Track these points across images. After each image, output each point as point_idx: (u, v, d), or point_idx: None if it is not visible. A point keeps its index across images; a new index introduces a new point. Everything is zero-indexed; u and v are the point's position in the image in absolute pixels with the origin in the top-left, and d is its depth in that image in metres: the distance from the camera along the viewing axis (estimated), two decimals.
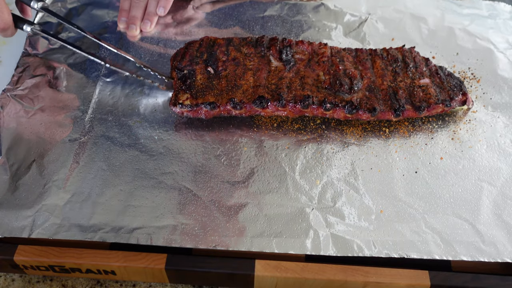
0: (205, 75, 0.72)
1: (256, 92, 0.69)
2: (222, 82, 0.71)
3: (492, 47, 0.83)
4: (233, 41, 0.76)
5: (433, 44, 0.83)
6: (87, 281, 0.63)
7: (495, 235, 0.60)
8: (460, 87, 0.71)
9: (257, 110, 0.70)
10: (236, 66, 0.73)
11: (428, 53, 0.82)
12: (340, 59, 0.74)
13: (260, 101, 0.68)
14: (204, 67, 0.73)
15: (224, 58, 0.74)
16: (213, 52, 0.75)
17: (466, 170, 0.67)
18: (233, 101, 0.68)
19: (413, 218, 0.62)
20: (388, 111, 0.69)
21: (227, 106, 0.69)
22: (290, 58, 0.73)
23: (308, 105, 0.68)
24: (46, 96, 0.73)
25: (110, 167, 0.66)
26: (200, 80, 0.71)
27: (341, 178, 0.66)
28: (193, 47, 0.76)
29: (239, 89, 0.70)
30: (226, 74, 0.72)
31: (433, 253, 0.58)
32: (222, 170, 0.66)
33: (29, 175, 0.64)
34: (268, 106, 0.69)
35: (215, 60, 0.74)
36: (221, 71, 0.72)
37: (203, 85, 0.71)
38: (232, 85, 0.71)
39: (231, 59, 0.74)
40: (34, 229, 0.59)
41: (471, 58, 0.81)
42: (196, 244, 0.58)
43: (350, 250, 0.58)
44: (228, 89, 0.70)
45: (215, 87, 0.71)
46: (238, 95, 0.69)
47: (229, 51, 0.74)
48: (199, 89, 0.71)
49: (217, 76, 0.72)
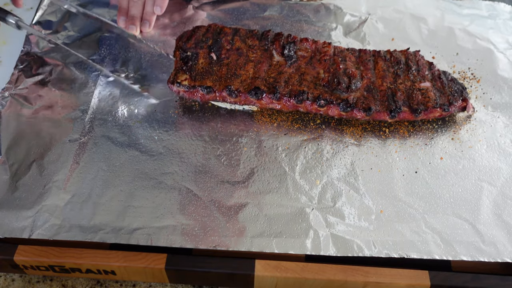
0: (207, 60, 0.73)
1: (254, 83, 0.70)
2: (223, 69, 0.72)
3: (492, 47, 0.83)
4: (240, 32, 0.77)
5: (433, 44, 0.83)
6: (87, 281, 0.63)
7: (495, 235, 0.60)
8: (461, 93, 0.71)
9: (252, 100, 0.70)
10: (239, 56, 0.74)
11: (428, 53, 0.82)
12: (342, 58, 0.74)
13: (255, 92, 0.69)
14: (207, 52, 0.74)
15: (228, 46, 0.75)
16: (218, 39, 0.75)
17: (466, 170, 0.67)
18: (229, 88, 0.69)
19: (413, 218, 0.62)
20: (384, 111, 0.69)
21: (222, 93, 0.70)
22: (292, 54, 0.74)
23: (302, 100, 0.68)
24: (46, 95, 0.73)
25: (110, 168, 0.66)
26: (201, 64, 0.72)
27: (341, 178, 0.66)
28: (200, 31, 0.77)
29: (238, 78, 0.71)
30: (228, 62, 0.73)
31: (433, 253, 0.58)
32: (222, 170, 0.66)
33: (29, 175, 0.64)
34: (263, 98, 0.69)
35: (219, 47, 0.74)
36: (223, 58, 0.73)
37: (204, 69, 0.72)
38: (231, 74, 0.72)
39: (235, 49, 0.74)
40: (34, 229, 0.59)
41: (471, 58, 0.81)
42: (196, 244, 0.58)
43: (350, 250, 0.58)
44: (227, 76, 0.71)
45: (215, 73, 0.72)
46: (236, 84, 0.70)
47: (234, 41, 0.75)
48: (199, 72, 0.71)
49: (218, 63, 0.73)
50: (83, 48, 0.80)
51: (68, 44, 0.80)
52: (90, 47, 0.81)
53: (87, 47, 0.81)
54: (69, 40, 0.81)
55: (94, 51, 0.80)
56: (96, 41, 0.82)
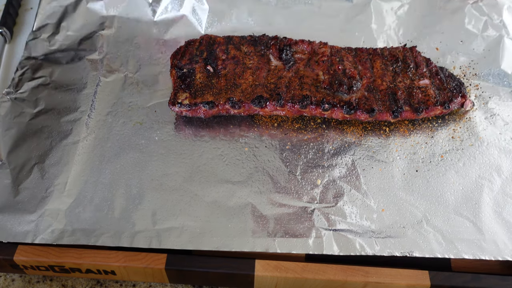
0: (205, 73, 0.72)
1: (255, 91, 0.69)
2: (221, 81, 0.71)
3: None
4: (233, 40, 0.76)
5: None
6: (87, 281, 0.62)
7: (496, 233, 0.60)
8: (459, 89, 0.71)
9: (255, 109, 0.69)
10: (236, 65, 0.73)
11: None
12: (340, 58, 0.74)
13: (258, 100, 0.68)
14: (203, 65, 0.73)
15: (223, 56, 0.74)
16: (212, 50, 0.74)
17: (466, 168, 0.67)
18: (232, 100, 0.68)
19: (415, 217, 0.62)
20: (386, 112, 0.69)
21: (225, 105, 0.69)
22: (289, 58, 0.73)
23: (306, 105, 0.68)
24: (46, 98, 0.73)
25: (111, 170, 0.65)
26: (199, 79, 0.71)
27: (342, 177, 0.65)
28: (193, 46, 0.76)
29: (238, 88, 0.70)
30: (226, 73, 0.72)
31: (435, 251, 0.58)
32: (223, 170, 0.66)
33: (30, 179, 0.64)
34: (267, 106, 0.69)
35: (214, 59, 0.73)
36: (221, 69, 0.72)
37: (202, 84, 0.71)
38: (231, 84, 0.71)
39: (231, 58, 0.73)
40: (37, 234, 0.58)
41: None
42: (198, 245, 0.58)
43: (352, 249, 0.58)
44: (227, 88, 0.70)
45: (214, 86, 0.71)
46: (237, 94, 0.69)
47: (228, 50, 0.74)
48: (198, 88, 0.70)
49: (216, 74, 0.72)
50: (82, 48, 0.80)
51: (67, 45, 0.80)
52: (89, 47, 0.80)
53: (86, 47, 0.80)
54: (68, 41, 0.81)
55: (93, 51, 0.80)
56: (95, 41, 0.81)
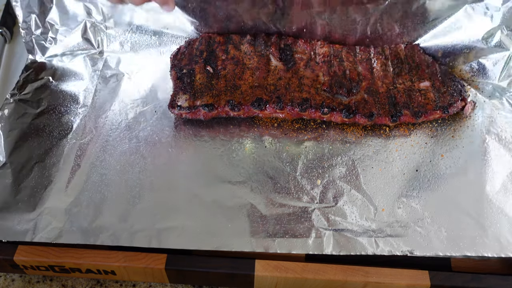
0: (204, 74, 0.72)
1: (255, 93, 0.69)
2: (221, 81, 0.71)
3: None
4: (233, 39, 0.76)
5: None
6: (87, 281, 0.62)
7: (498, 230, 0.60)
8: (460, 92, 0.71)
9: (255, 111, 0.69)
10: (236, 65, 0.72)
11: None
12: (340, 58, 0.73)
13: (258, 103, 0.68)
14: (203, 66, 0.72)
15: (223, 56, 0.73)
16: (212, 50, 0.74)
17: (467, 166, 0.66)
18: (231, 102, 0.68)
19: (415, 216, 0.61)
20: (385, 116, 0.69)
21: (225, 108, 0.69)
22: (290, 58, 0.73)
23: (306, 109, 0.68)
24: (48, 98, 0.74)
25: (111, 169, 0.65)
26: (199, 79, 0.71)
27: (342, 177, 0.65)
28: (193, 45, 0.76)
29: (238, 89, 0.70)
30: (225, 74, 0.72)
31: (436, 250, 0.58)
32: (222, 170, 0.66)
33: (31, 178, 0.64)
34: (266, 108, 0.69)
35: (214, 59, 0.73)
36: (220, 70, 0.72)
37: (202, 85, 0.70)
38: (231, 85, 0.70)
39: (230, 58, 0.73)
40: (36, 233, 0.58)
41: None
42: (198, 245, 0.58)
43: (352, 249, 0.58)
44: (227, 89, 0.70)
45: (214, 87, 0.70)
46: (237, 96, 0.69)
47: (228, 49, 0.74)
48: (197, 89, 0.70)
49: (216, 75, 0.72)
50: (82, 47, 0.80)
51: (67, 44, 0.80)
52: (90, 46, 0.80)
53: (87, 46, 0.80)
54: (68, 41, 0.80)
55: (93, 50, 0.80)
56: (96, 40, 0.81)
